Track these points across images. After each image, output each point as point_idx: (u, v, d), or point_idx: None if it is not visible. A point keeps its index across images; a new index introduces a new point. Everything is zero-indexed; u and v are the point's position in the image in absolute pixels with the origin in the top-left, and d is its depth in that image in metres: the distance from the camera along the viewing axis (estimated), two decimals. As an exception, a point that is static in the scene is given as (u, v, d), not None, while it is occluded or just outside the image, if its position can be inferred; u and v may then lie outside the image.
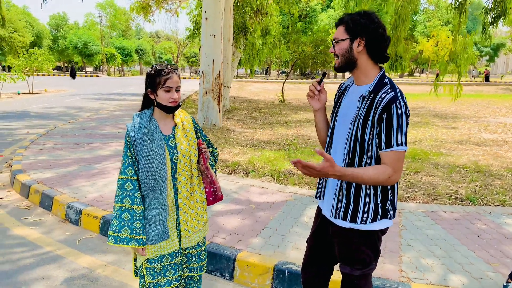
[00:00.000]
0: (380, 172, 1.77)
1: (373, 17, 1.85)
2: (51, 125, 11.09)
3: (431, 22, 50.35)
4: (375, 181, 1.78)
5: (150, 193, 2.09)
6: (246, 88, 33.98)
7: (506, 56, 71.99)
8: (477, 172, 6.36)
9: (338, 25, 1.93)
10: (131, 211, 2.05)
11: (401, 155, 1.79)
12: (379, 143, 1.80)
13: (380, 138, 1.79)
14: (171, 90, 2.08)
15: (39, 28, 59.46)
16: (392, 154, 1.78)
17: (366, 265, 1.97)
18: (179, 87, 2.14)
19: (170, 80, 2.07)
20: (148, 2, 21.74)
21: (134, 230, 2.04)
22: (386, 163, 1.79)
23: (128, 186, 2.07)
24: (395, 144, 1.77)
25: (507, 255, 3.47)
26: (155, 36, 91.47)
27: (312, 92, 2.08)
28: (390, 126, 1.76)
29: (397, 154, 1.78)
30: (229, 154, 7.42)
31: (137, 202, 2.06)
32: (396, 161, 1.79)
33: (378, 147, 1.82)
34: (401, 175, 1.82)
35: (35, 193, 5.12)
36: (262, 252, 3.48)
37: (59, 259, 3.62)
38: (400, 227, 4.09)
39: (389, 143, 1.77)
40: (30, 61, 22.70)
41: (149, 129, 2.10)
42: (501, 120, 13.94)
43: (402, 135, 1.77)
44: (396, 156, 1.78)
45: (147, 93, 2.14)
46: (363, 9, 1.98)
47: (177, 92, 2.12)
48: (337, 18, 1.96)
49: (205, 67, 10.39)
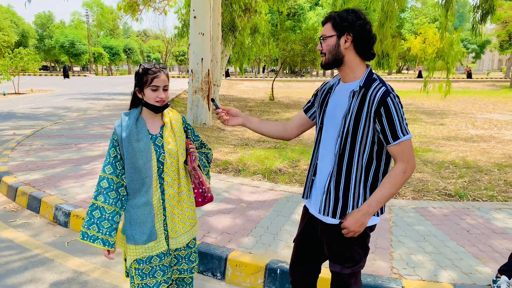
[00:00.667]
0: (393, 175, 1.85)
1: (359, 13, 1.87)
2: (38, 125, 10.93)
3: (418, 19, 50.79)
4: (398, 186, 1.85)
5: (135, 192, 2.07)
6: (236, 86, 33.92)
7: (492, 53, 73.00)
8: (465, 168, 6.43)
9: (325, 23, 1.94)
10: (101, 209, 2.04)
11: (409, 143, 1.86)
12: (385, 138, 1.84)
13: (385, 133, 1.83)
14: (158, 89, 2.05)
15: (25, 27, 58.52)
16: (400, 146, 1.84)
17: (356, 263, 1.98)
18: (167, 86, 2.11)
19: (157, 79, 2.05)
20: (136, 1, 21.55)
21: (101, 229, 2.03)
22: (396, 156, 1.85)
23: (104, 184, 2.05)
24: (401, 134, 1.81)
25: (496, 250, 3.51)
26: (143, 35, 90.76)
27: (223, 118, 2.21)
28: (392, 120, 1.80)
29: (406, 143, 1.84)
30: (219, 153, 7.39)
31: (109, 202, 2.04)
32: (407, 150, 1.85)
33: (385, 142, 1.85)
34: (415, 162, 1.87)
35: (22, 195, 5.04)
36: (253, 251, 3.47)
37: (47, 262, 3.56)
38: (391, 223, 4.12)
39: (395, 135, 1.81)
40: (16, 61, 22.35)
41: (135, 128, 2.07)
42: (488, 116, 14.13)
43: (404, 124, 1.83)
44: (405, 146, 1.84)
45: (135, 91, 2.11)
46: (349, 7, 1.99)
47: (164, 92, 2.09)
48: (326, 15, 1.96)
49: (194, 66, 10.33)
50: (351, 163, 1.88)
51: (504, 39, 38.28)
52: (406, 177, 1.85)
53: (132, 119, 2.09)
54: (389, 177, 1.86)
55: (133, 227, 2.08)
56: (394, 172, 1.85)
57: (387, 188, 1.84)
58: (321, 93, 2.09)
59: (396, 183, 1.84)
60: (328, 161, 1.95)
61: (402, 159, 1.84)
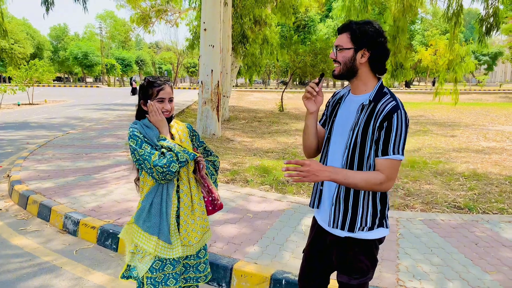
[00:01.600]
0: (372, 176, 1.79)
1: (379, 29, 1.83)
2: (51, 135, 11.11)
3: (429, 31, 50.71)
4: (366, 182, 1.78)
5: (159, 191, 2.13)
6: (245, 97, 34.11)
7: (504, 64, 72.35)
8: (475, 180, 6.36)
9: (343, 31, 1.89)
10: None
11: (396, 164, 1.80)
12: (376, 149, 1.81)
13: (377, 145, 1.80)
14: (164, 101, 2.11)
15: (40, 39, 59.91)
16: (387, 162, 1.79)
17: (364, 274, 1.96)
18: (172, 98, 2.16)
19: (162, 92, 2.10)
20: (148, 14, 21.96)
21: None
22: (380, 170, 1.80)
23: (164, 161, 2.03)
24: (391, 152, 1.77)
25: (505, 263, 3.46)
26: (155, 47, 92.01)
27: (310, 93, 1.99)
28: (389, 134, 1.77)
29: (392, 163, 1.79)
30: (228, 163, 7.43)
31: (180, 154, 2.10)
32: (390, 169, 1.79)
33: (375, 153, 1.82)
34: (393, 184, 1.82)
35: (33, 204, 5.12)
36: (259, 261, 3.47)
37: (56, 270, 3.61)
38: (398, 235, 4.09)
39: (385, 150, 1.78)
40: (31, 72, 22.82)
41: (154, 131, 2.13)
42: (500, 128, 13.97)
43: (399, 144, 1.77)
44: (391, 164, 1.79)
45: (141, 104, 2.17)
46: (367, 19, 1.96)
47: (170, 103, 2.14)
48: (336, 28, 1.95)
49: (204, 77, 10.45)
50: None
51: (516, 50, 37.97)
52: (379, 188, 1.80)
53: (148, 122, 2.14)
54: (369, 175, 1.80)
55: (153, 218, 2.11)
56: (375, 176, 1.79)
57: (359, 178, 1.78)
58: (332, 103, 2.09)
59: (369, 183, 1.78)
60: None
61: (384, 173, 1.79)
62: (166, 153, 2.04)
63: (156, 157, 2.01)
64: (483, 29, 9.42)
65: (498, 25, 9.09)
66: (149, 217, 2.12)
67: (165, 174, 2.02)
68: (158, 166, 1.99)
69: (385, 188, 1.81)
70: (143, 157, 2.02)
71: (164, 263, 2.13)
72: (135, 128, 2.10)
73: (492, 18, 9.10)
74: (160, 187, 2.12)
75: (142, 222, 2.13)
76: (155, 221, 2.11)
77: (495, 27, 9.13)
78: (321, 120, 2.17)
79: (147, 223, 2.12)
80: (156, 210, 2.12)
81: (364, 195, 1.88)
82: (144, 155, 2.02)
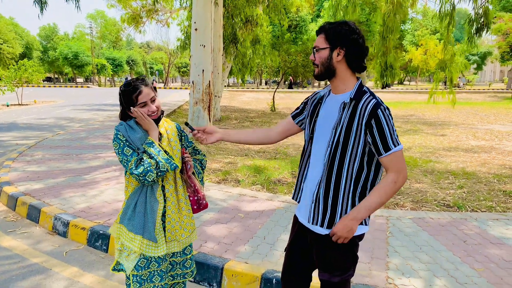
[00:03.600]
0: (383, 185, 1.87)
1: (353, 27, 1.90)
2: (41, 136, 11.01)
3: (419, 31, 51.12)
4: (386, 194, 1.86)
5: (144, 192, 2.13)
6: (237, 97, 34.07)
7: (493, 64, 73.18)
8: (464, 179, 6.44)
9: (319, 34, 1.97)
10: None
11: (400, 154, 1.87)
12: (377, 150, 1.86)
13: (376, 145, 1.85)
14: (146, 104, 2.09)
15: (29, 39, 59.20)
16: (392, 156, 1.85)
17: (344, 271, 1.99)
18: (154, 98, 2.13)
19: (141, 96, 2.08)
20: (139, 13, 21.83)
21: None
22: (388, 167, 1.87)
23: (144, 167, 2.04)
24: (392, 146, 1.84)
25: (492, 260, 3.51)
26: (146, 47, 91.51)
27: (200, 138, 2.21)
28: (383, 131, 1.82)
29: (397, 154, 1.86)
30: (219, 163, 7.43)
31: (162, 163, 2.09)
32: (398, 161, 1.86)
33: (377, 153, 1.87)
34: (406, 173, 1.89)
35: (22, 205, 5.08)
36: (250, 261, 3.48)
37: (46, 271, 3.58)
38: (388, 234, 4.12)
39: (387, 147, 1.84)
40: (20, 73, 22.55)
41: (142, 132, 2.12)
42: (489, 127, 14.13)
43: (394, 136, 1.85)
44: (396, 157, 1.86)
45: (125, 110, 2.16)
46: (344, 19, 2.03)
47: (153, 103, 2.12)
48: (320, 26, 2.00)
49: (195, 77, 10.42)
50: (341, 173, 1.91)
51: (505, 50, 38.38)
52: (397, 187, 1.87)
53: (133, 124, 2.13)
54: (380, 186, 1.88)
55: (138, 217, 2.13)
56: (385, 181, 1.87)
57: (377, 197, 1.86)
58: (311, 103, 2.13)
59: (386, 192, 1.86)
60: (318, 171, 1.98)
61: (393, 169, 1.86)
62: (145, 161, 2.03)
63: (133, 164, 2.03)
64: (473, 29, 9.52)
65: (488, 25, 9.19)
66: (134, 217, 2.13)
67: (141, 181, 2.04)
68: (134, 174, 2.02)
69: (402, 182, 1.87)
70: (122, 163, 2.06)
71: (149, 261, 2.16)
72: (119, 131, 2.11)
73: (482, 18, 9.20)
74: (144, 187, 2.14)
75: (127, 222, 2.14)
76: (139, 221, 2.13)
77: (485, 27, 9.23)
78: (293, 113, 2.25)
79: (132, 222, 2.13)
80: (140, 210, 2.13)
81: (344, 192, 1.92)
82: (122, 161, 2.06)
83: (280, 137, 2.31)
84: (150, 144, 2.08)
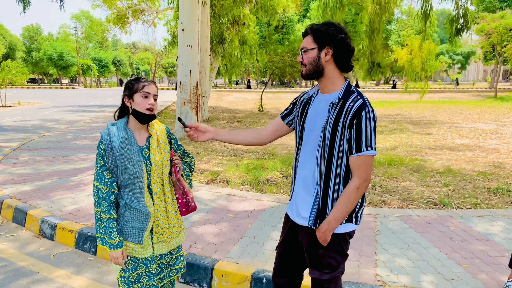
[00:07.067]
0: (348, 192, 1.91)
1: (340, 27, 1.93)
2: (26, 138, 10.84)
3: (404, 31, 51.66)
4: (349, 200, 1.90)
5: (130, 200, 2.13)
6: (225, 98, 34.04)
7: (476, 63, 74.33)
8: (450, 177, 6.54)
9: (306, 35, 1.99)
10: (99, 216, 2.14)
11: (370, 159, 1.88)
12: (350, 148, 1.88)
13: (350, 143, 1.87)
14: (148, 96, 2.11)
15: (12, 39, 58.13)
16: (361, 159, 1.87)
17: (334, 269, 2.02)
18: (156, 96, 2.17)
19: (148, 87, 2.12)
20: (125, 14, 21.63)
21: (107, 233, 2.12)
22: (354, 167, 1.89)
23: (96, 196, 2.13)
24: (364, 148, 1.85)
25: (477, 256, 3.58)
26: (132, 47, 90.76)
27: (192, 135, 2.24)
28: (360, 131, 1.84)
29: (367, 158, 1.87)
30: (207, 164, 7.42)
31: (103, 210, 2.11)
32: (365, 165, 1.88)
33: (349, 152, 1.89)
34: (369, 181, 1.90)
35: (7, 208, 5.00)
36: (240, 261, 3.49)
37: (33, 275, 3.54)
38: (376, 232, 4.17)
39: (359, 147, 1.86)
40: (3, 74, 22.15)
41: (126, 137, 2.11)
42: (473, 125, 14.38)
43: (371, 140, 1.85)
44: (365, 160, 1.87)
45: (124, 100, 2.16)
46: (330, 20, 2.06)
47: (154, 101, 2.14)
48: (306, 27, 2.03)
49: (183, 78, 10.39)
50: (330, 172, 1.93)
51: (488, 50, 39.07)
52: (360, 193, 1.90)
53: (121, 129, 2.13)
54: (344, 194, 1.92)
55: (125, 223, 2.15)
56: (348, 189, 1.91)
57: (343, 205, 1.91)
58: (300, 103, 2.15)
59: (350, 200, 1.90)
60: (308, 170, 2.01)
61: (358, 174, 1.89)
62: (101, 193, 2.10)
63: (96, 176, 2.12)
64: (453, 29, 9.72)
65: (469, 26, 9.40)
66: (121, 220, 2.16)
67: None
68: (94, 194, 2.14)
69: (364, 188, 1.90)
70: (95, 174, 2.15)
71: (136, 263, 2.17)
72: (102, 137, 2.14)
73: (462, 19, 9.39)
74: (130, 189, 2.15)
75: None
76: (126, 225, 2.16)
77: (465, 27, 9.43)
78: (283, 113, 2.27)
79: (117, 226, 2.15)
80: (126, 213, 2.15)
81: (333, 191, 1.95)
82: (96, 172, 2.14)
83: (271, 138, 2.33)
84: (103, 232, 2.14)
